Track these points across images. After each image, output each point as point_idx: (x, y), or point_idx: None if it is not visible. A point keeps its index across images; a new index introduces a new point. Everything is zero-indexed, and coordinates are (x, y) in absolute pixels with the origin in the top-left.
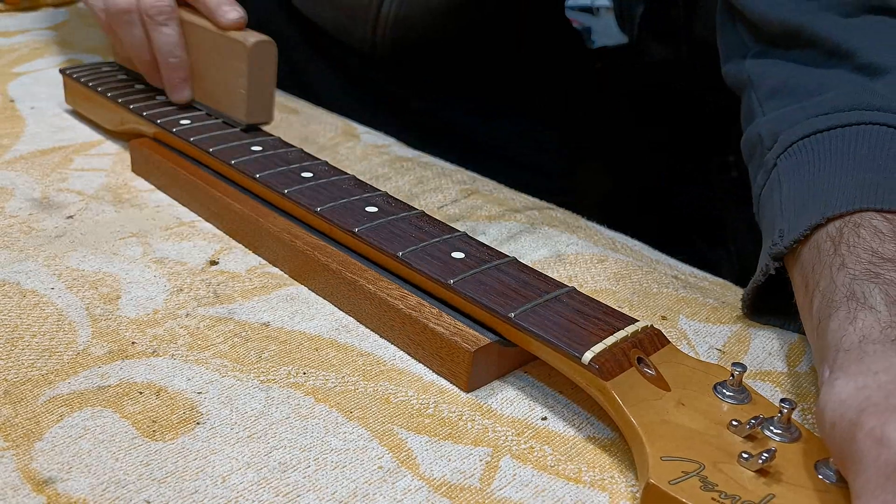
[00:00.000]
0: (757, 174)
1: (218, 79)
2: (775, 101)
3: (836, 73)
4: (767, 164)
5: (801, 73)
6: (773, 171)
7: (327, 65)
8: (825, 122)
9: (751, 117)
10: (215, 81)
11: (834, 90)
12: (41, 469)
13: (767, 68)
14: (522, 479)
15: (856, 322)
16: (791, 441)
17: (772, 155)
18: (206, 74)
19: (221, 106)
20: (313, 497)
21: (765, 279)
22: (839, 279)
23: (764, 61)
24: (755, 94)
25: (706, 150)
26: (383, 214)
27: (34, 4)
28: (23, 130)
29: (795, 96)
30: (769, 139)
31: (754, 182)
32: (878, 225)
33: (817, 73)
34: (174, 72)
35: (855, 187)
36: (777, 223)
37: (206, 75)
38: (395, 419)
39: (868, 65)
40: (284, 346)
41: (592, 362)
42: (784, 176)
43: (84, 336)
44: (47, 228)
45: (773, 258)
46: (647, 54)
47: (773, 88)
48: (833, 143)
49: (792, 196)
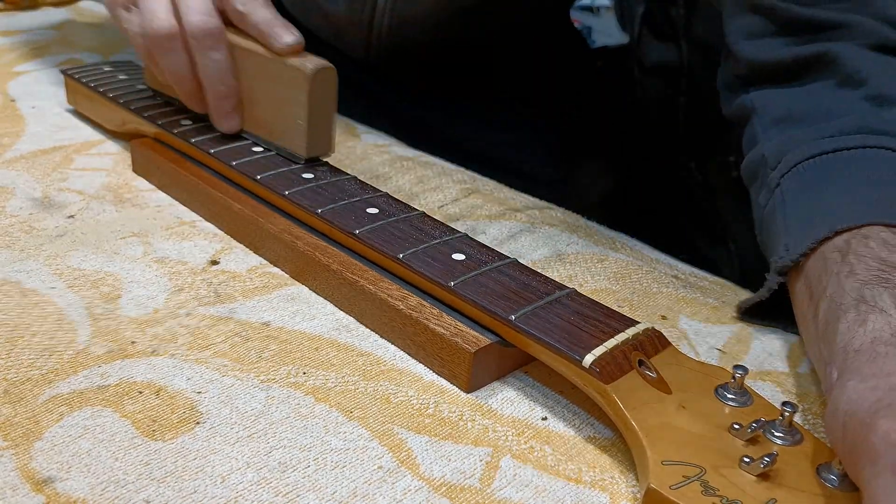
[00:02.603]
0: (759, 194)
1: (271, 108)
2: (780, 128)
3: (844, 100)
4: (771, 183)
5: (807, 101)
6: (776, 189)
7: None
8: (831, 143)
9: (753, 143)
10: (268, 111)
11: (841, 116)
12: (40, 468)
13: (772, 98)
14: (522, 479)
15: (866, 324)
16: (793, 444)
17: (776, 174)
18: (256, 102)
19: (275, 137)
20: (313, 497)
21: (769, 294)
22: (848, 285)
23: (767, 92)
24: (759, 121)
25: (706, 150)
26: (384, 216)
27: (34, 4)
28: (23, 130)
29: (802, 123)
30: (773, 159)
31: (756, 203)
32: (886, 237)
33: (825, 100)
34: (223, 100)
35: (862, 203)
36: (782, 239)
37: (256, 103)
38: (395, 419)
39: (878, 95)
40: (285, 346)
41: (593, 365)
42: (789, 195)
43: (84, 335)
44: (48, 228)
45: (778, 272)
46: (648, 54)
47: (777, 117)
48: (839, 164)
49: (797, 213)
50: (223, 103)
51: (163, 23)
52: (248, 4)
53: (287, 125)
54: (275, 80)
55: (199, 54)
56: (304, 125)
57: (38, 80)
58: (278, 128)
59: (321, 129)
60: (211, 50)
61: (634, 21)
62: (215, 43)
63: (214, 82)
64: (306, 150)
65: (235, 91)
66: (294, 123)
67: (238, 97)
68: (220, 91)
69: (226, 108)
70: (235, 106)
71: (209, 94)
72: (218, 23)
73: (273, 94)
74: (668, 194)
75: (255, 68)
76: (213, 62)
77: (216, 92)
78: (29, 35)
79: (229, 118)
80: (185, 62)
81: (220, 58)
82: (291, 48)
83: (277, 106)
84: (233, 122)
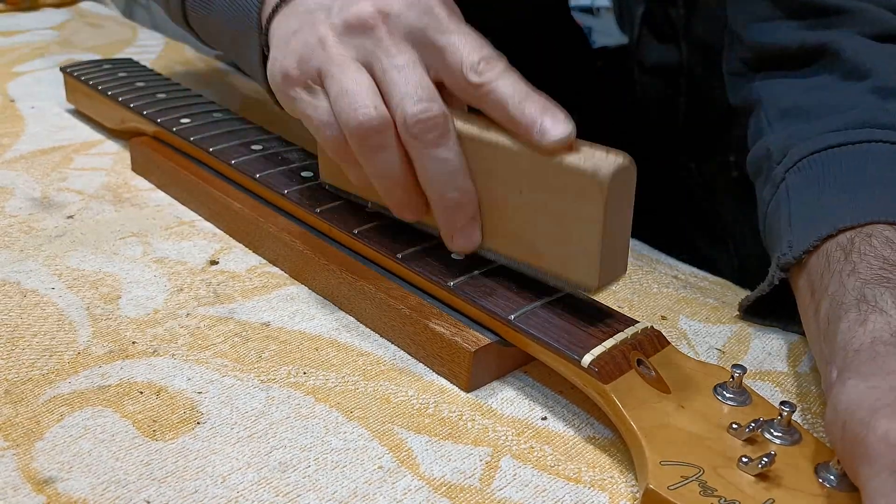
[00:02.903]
0: (764, 188)
1: (534, 221)
2: (786, 121)
3: (850, 93)
4: (776, 177)
5: (813, 93)
6: (781, 184)
7: None
8: (836, 138)
9: (759, 135)
10: (529, 224)
11: (847, 110)
12: (41, 468)
13: (778, 89)
14: (522, 479)
15: (867, 324)
16: (791, 444)
17: (780, 169)
18: (506, 211)
19: (544, 262)
20: (313, 497)
21: (770, 289)
22: (849, 283)
23: (774, 82)
24: (765, 113)
25: (706, 150)
26: (383, 215)
27: (34, 5)
28: (23, 130)
29: (807, 116)
30: (778, 153)
31: (760, 197)
32: (890, 235)
33: (830, 94)
34: (457, 211)
35: (866, 201)
36: (785, 235)
37: (506, 212)
38: (395, 419)
39: (883, 87)
40: (284, 346)
41: (591, 365)
42: (793, 190)
43: (84, 336)
44: (47, 228)
45: (781, 269)
46: (648, 54)
47: (784, 109)
48: (844, 159)
49: (801, 210)
50: (457, 215)
51: (369, 111)
52: (486, 73)
53: (564, 247)
54: (540, 185)
55: (419, 152)
56: (597, 248)
57: (38, 80)
58: (549, 249)
59: (616, 248)
60: (436, 147)
61: (634, 21)
62: (440, 137)
63: (442, 188)
64: (598, 280)
65: (473, 198)
66: (577, 246)
67: (476, 205)
68: (451, 199)
69: (461, 221)
70: (475, 217)
71: (436, 204)
72: (442, 109)
73: (537, 204)
74: (668, 194)
75: (505, 167)
76: (440, 162)
77: (446, 200)
78: (29, 35)
79: (467, 233)
80: (400, 162)
81: (450, 157)
82: (562, 142)
83: (544, 220)
84: (472, 239)
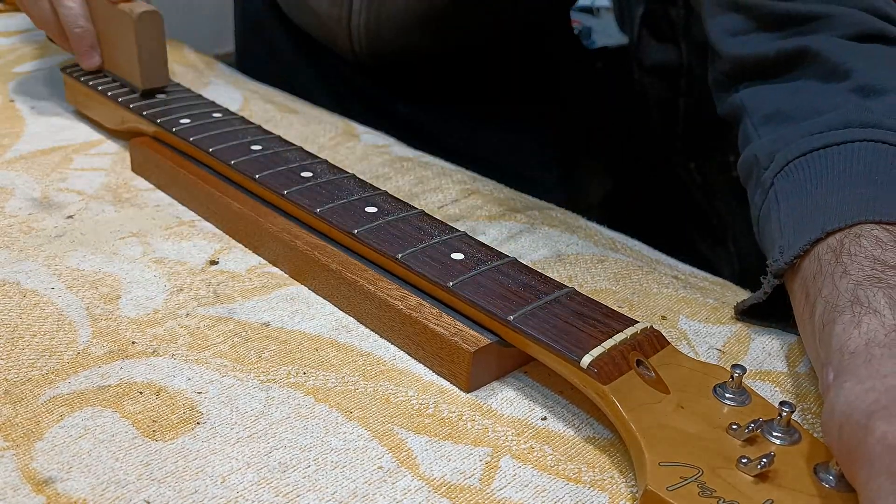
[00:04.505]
0: (755, 194)
1: (119, 48)
2: (771, 126)
3: (831, 94)
4: (765, 183)
5: (795, 97)
6: (770, 190)
7: (316, 70)
8: (820, 140)
9: (747, 142)
10: (117, 50)
11: (829, 111)
12: (41, 469)
13: (761, 95)
14: (522, 479)
15: (861, 326)
16: (791, 444)
17: (769, 174)
18: (109, 44)
19: (123, 73)
20: (313, 497)
21: (765, 297)
22: (842, 285)
23: (756, 89)
24: (750, 120)
25: (706, 151)
26: (383, 215)
27: None
28: (23, 130)
29: (791, 120)
30: (765, 159)
31: (752, 202)
32: (879, 235)
33: (812, 96)
34: (80, 41)
35: (853, 202)
36: (777, 241)
37: (110, 45)
38: (395, 419)
39: (864, 86)
40: (284, 346)
41: (591, 366)
42: (781, 195)
43: (84, 336)
44: (47, 228)
45: (774, 275)
46: (648, 55)
47: (768, 115)
48: (828, 160)
49: (790, 214)
50: (80, 43)
51: None
52: None
53: (129, 62)
54: (116, 25)
55: (56, 3)
56: (137, 61)
57: (38, 81)
58: (124, 65)
59: (155, 65)
60: None
61: (634, 22)
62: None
63: (71, 26)
64: (142, 83)
65: (90, 33)
66: (132, 60)
67: (94, 38)
68: (76, 33)
69: (83, 48)
70: (93, 45)
71: (69, 36)
72: None
73: (117, 36)
74: (669, 195)
75: (104, 15)
76: (67, 9)
77: (73, 34)
78: (29, 35)
79: (88, 56)
80: (49, 10)
81: (73, 5)
82: None
83: (121, 46)
84: (92, 60)
